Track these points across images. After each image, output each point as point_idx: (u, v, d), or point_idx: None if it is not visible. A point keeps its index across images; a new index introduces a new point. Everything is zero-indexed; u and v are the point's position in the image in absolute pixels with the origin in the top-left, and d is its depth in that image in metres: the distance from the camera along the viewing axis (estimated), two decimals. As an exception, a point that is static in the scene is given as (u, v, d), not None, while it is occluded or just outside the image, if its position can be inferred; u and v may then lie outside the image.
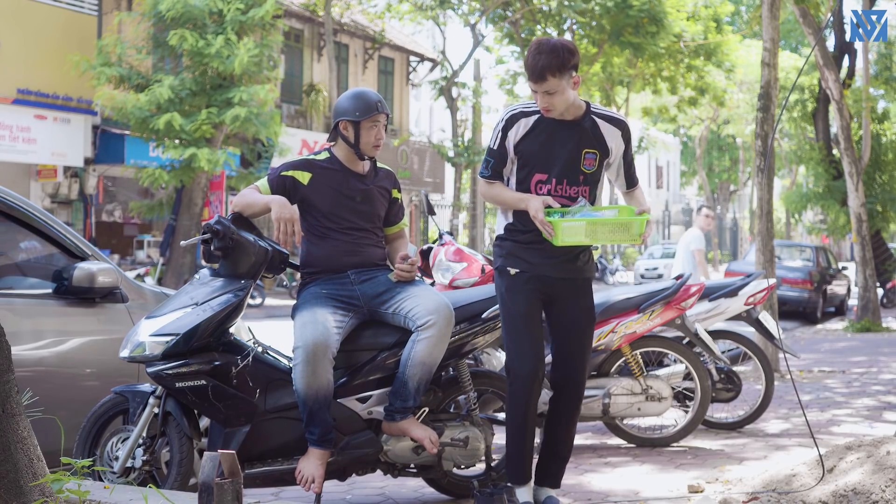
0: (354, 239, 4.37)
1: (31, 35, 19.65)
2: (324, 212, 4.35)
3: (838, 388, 8.79)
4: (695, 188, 62.84)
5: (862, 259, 16.57)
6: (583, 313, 4.24)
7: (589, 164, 4.16)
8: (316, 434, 4.08)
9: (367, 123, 4.32)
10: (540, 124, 4.13)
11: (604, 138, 4.18)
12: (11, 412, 2.95)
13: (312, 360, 4.01)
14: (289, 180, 4.34)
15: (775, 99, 10.03)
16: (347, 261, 4.34)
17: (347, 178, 4.40)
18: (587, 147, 4.15)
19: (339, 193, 4.36)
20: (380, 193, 4.47)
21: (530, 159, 4.15)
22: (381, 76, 31.34)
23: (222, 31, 19.71)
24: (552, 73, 3.97)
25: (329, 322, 4.11)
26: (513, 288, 4.18)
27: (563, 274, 4.20)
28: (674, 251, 36.95)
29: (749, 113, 37.27)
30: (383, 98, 4.47)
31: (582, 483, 5.00)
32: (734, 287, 6.59)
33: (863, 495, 3.87)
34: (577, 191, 4.15)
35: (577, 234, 4.00)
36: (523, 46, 29.34)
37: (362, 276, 4.33)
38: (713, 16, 30.13)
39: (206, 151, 19.14)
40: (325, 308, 4.17)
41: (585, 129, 4.15)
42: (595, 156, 4.17)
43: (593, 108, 4.20)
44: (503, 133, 4.18)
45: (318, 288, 4.29)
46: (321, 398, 4.05)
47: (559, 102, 4.05)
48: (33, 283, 4.70)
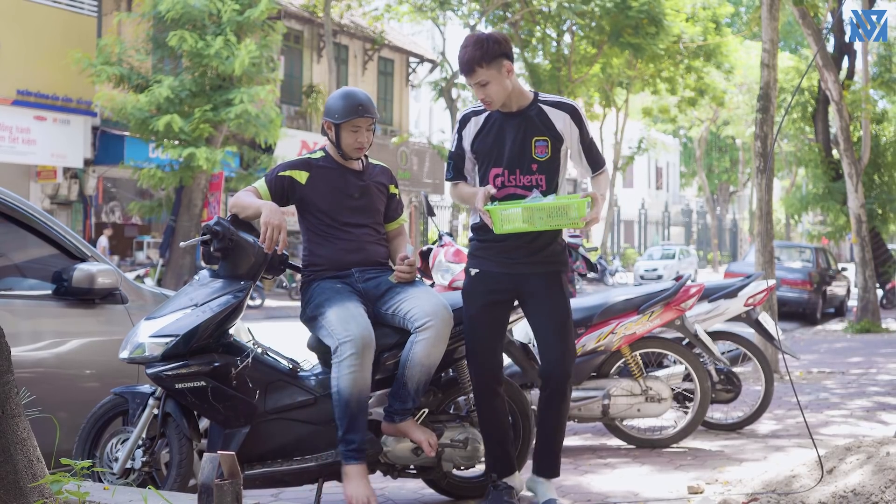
0: (356, 236, 4.36)
1: (30, 36, 19.65)
2: (323, 210, 4.35)
3: (837, 389, 8.78)
4: (694, 189, 62.87)
5: (861, 260, 16.57)
6: (555, 304, 4.26)
7: (541, 152, 4.21)
8: (355, 443, 4.01)
9: (347, 126, 4.28)
10: (489, 120, 4.26)
11: (552, 123, 4.23)
12: (11, 413, 2.94)
13: (362, 355, 4.00)
14: (286, 180, 4.34)
15: (775, 100, 10.02)
16: (351, 258, 4.34)
17: (344, 175, 4.40)
18: (536, 135, 4.22)
19: (336, 191, 4.36)
20: (377, 189, 4.47)
21: (485, 155, 4.26)
22: (380, 77, 31.34)
23: (221, 31, 19.72)
24: (479, 64, 4.09)
25: (365, 315, 4.13)
26: (468, 289, 4.31)
27: (530, 269, 4.25)
28: (673, 252, 37.05)
29: (749, 114, 37.28)
30: (382, 99, 4.47)
31: (581, 484, 5.00)
32: (734, 288, 6.59)
33: (862, 496, 3.87)
34: (532, 179, 4.20)
35: (514, 221, 4.08)
36: (523, 48, 29.36)
37: (366, 274, 4.34)
38: (712, 17, 30.15)
39: (204, 150, 19.15)
40: (354, 301, 4.17)
41: (531, 118, 4.22)
42: (546, 143, 4.22)
43: (541, 97, 4.29)
44: (458, 134, 4.33)
45: (332, 283, 4.27)
46: (363, 399, 4.04)
47: (495, 93, 4.14)
48: (33, 284, 4.69)
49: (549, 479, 4.33)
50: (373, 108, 4.34)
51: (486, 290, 4.26)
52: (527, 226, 4.07)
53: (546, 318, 4.26)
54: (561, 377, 4.25)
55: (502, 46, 4.13)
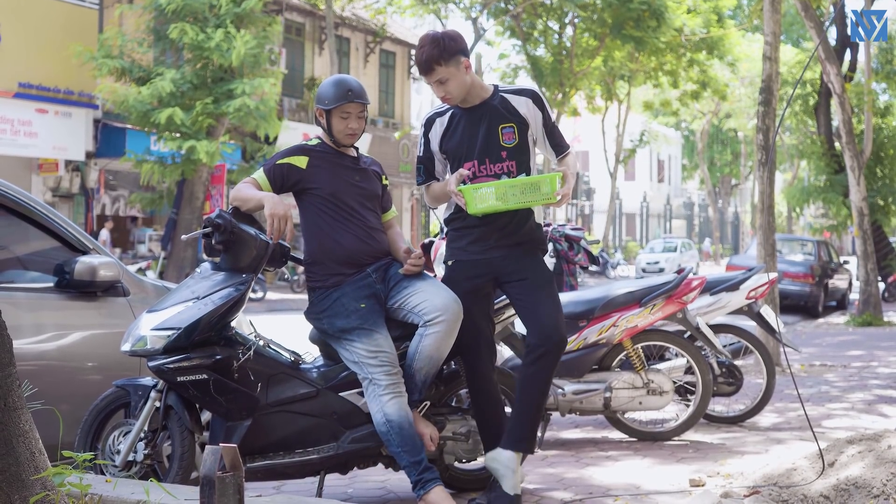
0: (365, 222, 4.29)
1: (32, 28, 19.64)
2: (327, 193, 4.25)
3: (839, 383, 8.79)
4: (696, 182, 62.87)
5: (863, 253, 16.55)
6: (538, 274, 4.27)
7: (508, 139, 4.26)
8: (423, 461, 4.05)
9: (337, 112, 4.24)
10: (454, 118, 4.31)
11: (516, 109, 4.29)
12: (13, 406, 2.95)
13: (397, 378, 4.09)
14: (285, 168, 4.28)
15: (776, 93, 10.01)
16: (364, 248, 4.25)
17: (342, 159, 4.35)
18: (502, 122, 4.27)
19: (339, 174, 4.29)
20: (374, 175, 4.44)
21: (455, 153, 4.30)
22: (382, 70, 31.31)
23: (221, 24, 19.69)
24: (437, 62, 4.15)
25: (389, 336, 4.16)
26: (447, 279, 4.35)
27: (505, 251, 4.28)
28: (675, 245, 37.06)
29: (750, 107, 37.23)
30: (384, 92, 4.46)
31: (583, 476, 5.00)
32: (735, 281, 6.59)
33: (863, 489, 3.87)
34: (503, 166, 4.25)
35: (487, 199, 4.12)
36: (525, 41, 29.32)
37: (379, 273, 4.28)
38: (714, 9, 30.10)
39: (204, 143, 19.14)
40: (379, 324, 4.16)
41: (495, 107, 4.28)
42: (513, 128, 4.27)
43: (500, 87, 4.36)
44: (425, 138, 4.41)
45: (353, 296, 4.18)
46: (411, 417, 4.11)
47: (454, 88, 4.20)
48: (35, 276, 4.70)
49: (520, 452, 4.21)
50: (363, 94, 4.29)
51: (465, 278, 4.29)
52: (500, 203, 4.10)
53: (532, 288, 4.25)
54: (559, 342, 4.19)
55: (458, 43, 4.19)
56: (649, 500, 4.48)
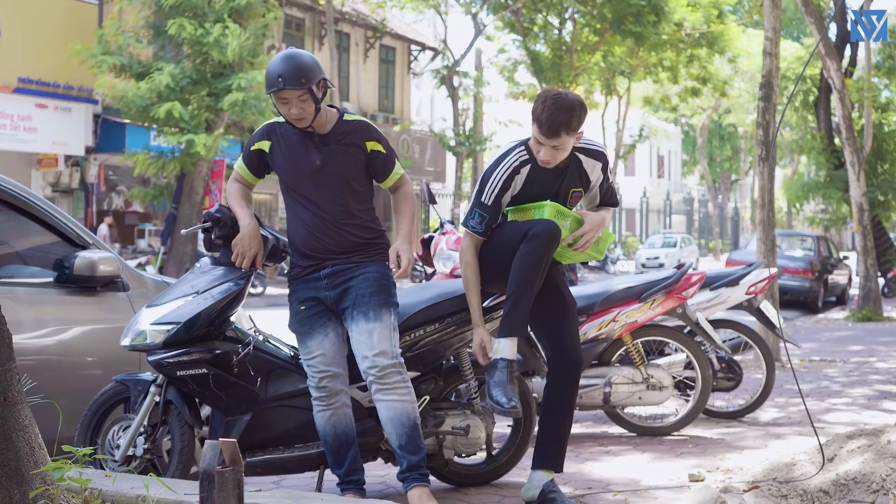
0: (319, 215, 3.98)
1: (31, 23, 19.63)
2: (285, 181, 4.08)
3: (839, 378, 8.79)
4: (696, 178, 62.81)
5: (863, 248, 16.56)
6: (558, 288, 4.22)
7: (574, 202, 4.22)
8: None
9: (275, 97, 3.90)
10: (531, 172, 4.11)
11: (588, 176, 4.20)
12: (13, 400, 2.95)
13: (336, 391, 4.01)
14: (255, 154, 4.13)
15: (777, 88, 10.01)
16: (314, 244, 4.00)
17: (305, 141, 3.99)
18: (573, 187, 4.17)
19: (292, 161, 4.01)
20: (346, 153, 3.98)
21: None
22: (382, 65, 31.29)
23: (220, 18, 19.68)
24: (567, 131, 3.93)
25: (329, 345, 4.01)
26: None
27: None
28: (675, 240, 37.05)
29: (750, 102, 37.21)
30: (384, 87, 4.37)
31: (582, 471, 5.01)
32: (735, 276, 6.59)
33: (863, 484, 3.88)
34: None
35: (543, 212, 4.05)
36: (524, 35, 29.29)
37: (336, 279, 3.99)
38: (714, 4, 30.06)
39: (203, 137, 19.14)
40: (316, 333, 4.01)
41: (572, 171, 4.14)
42: (580, 193, 4.21)
43: (577, 146, 4.12)
44: (503, 186, 4.09)
45: (300, 296, 4.05)
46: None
47: (562, 156, 4.03)
48: (34, 271, 4.70)
49: (555, 471, 4.14)
50: (297, 78, 3.81)
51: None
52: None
53: (553, 303, 4.20)
54: (578, 363, 4.16)
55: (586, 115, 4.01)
56: (649, 494, 4.48)
